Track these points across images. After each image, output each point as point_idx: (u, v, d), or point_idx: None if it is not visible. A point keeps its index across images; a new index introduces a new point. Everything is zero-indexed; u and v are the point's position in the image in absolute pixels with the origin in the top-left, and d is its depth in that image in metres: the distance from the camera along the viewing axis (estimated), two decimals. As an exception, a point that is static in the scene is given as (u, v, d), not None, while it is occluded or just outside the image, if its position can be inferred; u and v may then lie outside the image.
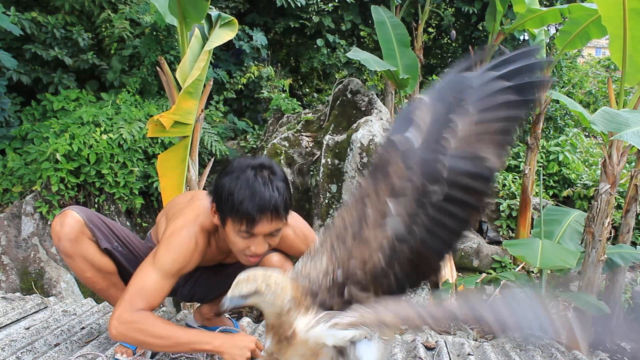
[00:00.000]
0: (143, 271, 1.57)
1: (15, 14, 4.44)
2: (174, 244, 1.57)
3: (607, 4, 2.96)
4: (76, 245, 1.69)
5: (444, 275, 5.24)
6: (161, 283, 1.55)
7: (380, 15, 5.60)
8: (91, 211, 1.77)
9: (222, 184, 1.48)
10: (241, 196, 1.43)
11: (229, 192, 1.45)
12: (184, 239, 1.58)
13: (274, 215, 1.46)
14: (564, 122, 9.55)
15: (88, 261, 1.72)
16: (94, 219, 1.74)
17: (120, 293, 1.80)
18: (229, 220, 1.48)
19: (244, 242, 1.50)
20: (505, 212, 6.63)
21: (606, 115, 2.53)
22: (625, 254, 3.59)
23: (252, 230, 1.46)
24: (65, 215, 1.69)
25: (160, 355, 1.90)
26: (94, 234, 1.72)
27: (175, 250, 1.56)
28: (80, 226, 1.69)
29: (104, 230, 1.76)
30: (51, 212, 4.21)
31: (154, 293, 1.54)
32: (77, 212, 1.71)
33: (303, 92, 8.60)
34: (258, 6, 7.06)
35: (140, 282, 1.55)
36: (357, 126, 4.32)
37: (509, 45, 7.01)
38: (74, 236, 1.68)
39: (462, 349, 2.11)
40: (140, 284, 1.54)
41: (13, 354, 1.84)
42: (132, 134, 4.39)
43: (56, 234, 1.68)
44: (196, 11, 2.91)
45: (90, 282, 1.78)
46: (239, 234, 1.49)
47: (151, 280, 1.54)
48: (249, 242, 1.50)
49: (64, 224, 1.67)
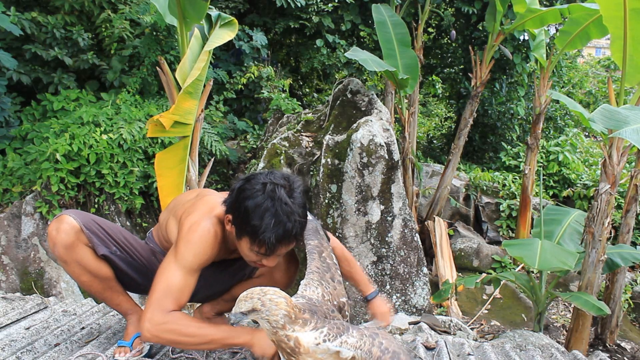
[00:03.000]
0: (167, 270, 1.57)
1: (15, 14, 4.44)
2: (194, 239, 1.58)
3: (608, 4, 2.96)
4: (71, 251, 1.68)
5: (444, 275, 5.25)
6: (186, 280, 1.57)
7: (381, 15, 5.59)
8: (88, 215, 1.75)
9: (245, 207, 1.49)
10: (264, 227, 1.46)
11: (252, 218, 1.47)
12: (202, 232, 1.59)
13: (292, 242, 1.54)
14: (564, 122, 9.56)
15: (83, 266, 1.71)
16: (90, 225, 1.72)
17: (116, 296, 1.82)
18: (247, 239, 1.52)
19: (255, 256, 1.56)
20: (505, 212, 6.64)
21: (605, 112, 2.52)
22: (625, 254, 3.58)
23: (267, 253, 1.52)
24: (61, 221, 1.68)
25: (160, 355, 1.90)
26: (90, 240, 1.71)
27: (196, 244, 1.58)
28: (75, 232, 1.67)
29: (101, 236, 1.74)
30: (51, 212, 4.21)
31: (181, 291, 1.55)
32: (74, 217, 1.69)
33: (303, 92, 8.60)
34: (258, 6, 7.06)
35: (166, 281, 1.55)
36: (357, 126, 4.32)
37: (509, 45, 7.01)
38: (69, 242, 1.67)
39: (462, 349, 2.11)
40: (166, 284, 1.55)
41: (13, 354, 1.84)
42: (132, 134, 4.39)
43: (52, 239, 1.68)
44: (195, 11, 2.90)
45: (86, 285, 1.78)
46: (253, 252, 1.54)
47: (176, 279, 1.55)
48: (262, 258, 1.56)
49: (60, 230, 1.66)
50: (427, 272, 4.44)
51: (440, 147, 10.40)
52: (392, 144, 4.28)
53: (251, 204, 1.48)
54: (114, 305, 1.88)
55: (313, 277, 1.52)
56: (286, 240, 1.50)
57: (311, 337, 1.26)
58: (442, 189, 6.16)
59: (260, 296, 1.28)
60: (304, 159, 4.60)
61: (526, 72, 8.05)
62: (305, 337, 1.27)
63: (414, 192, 5.83)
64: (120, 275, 1.81)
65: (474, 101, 5.91)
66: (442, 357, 2.00)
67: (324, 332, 1.27)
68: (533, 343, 2.66)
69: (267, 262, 1.58)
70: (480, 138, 9.21)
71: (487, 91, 8.47)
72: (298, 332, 1.27)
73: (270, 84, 6.44)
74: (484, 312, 4.99)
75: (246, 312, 1.29)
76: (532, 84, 7.93)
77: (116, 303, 1.87)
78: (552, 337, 4.30)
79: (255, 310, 1.27)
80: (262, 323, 1.30)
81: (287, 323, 1.28)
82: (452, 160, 6.10)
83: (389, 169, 4.22)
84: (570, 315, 3.89)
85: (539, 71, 5.98)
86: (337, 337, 1.26)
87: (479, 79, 5.80)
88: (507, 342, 2.57)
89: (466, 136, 6.07)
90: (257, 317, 1.28)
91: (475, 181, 7.04)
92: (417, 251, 4.34)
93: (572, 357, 2.19)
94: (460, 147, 6.08)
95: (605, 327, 3.98)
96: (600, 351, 3.51)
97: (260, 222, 1.46)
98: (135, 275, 1.84)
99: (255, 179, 1.53)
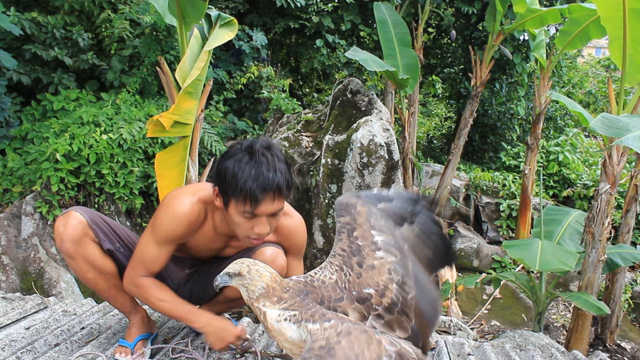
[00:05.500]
0: (143, 239, 1.69)
1: (15, 14, 4.44)
2: (170, 212, 1.63)
3: (606, 4, 2.95)
4: (79, 246, 1.70)
5: (444, 275, 5.25)
6: (159, 252, 1.68)
7: (382, 13, 5.59)
8: (94, 212, 1.78)
9: (225, 166, 1.52)
10: (245, 177, 1.47)
11: (233, 174, 1.49)
12: (180, 206, 1.63)
13: (277, 195, 1.51)
14: (564, 122, 9.56)
15: (90, 262, 1.74)
16: (96, 220, 1.75)
17: (120, 294, 1.85)
18: (233, 202, 1.52)
19: (247, 223, 1.54)
20: (505, 212, 6.64)
21: (606, 121, 2.52)
22: (625, 254, 3.58)
23: (255, 210, 1.50)
24: (69, 217, 1.70)
25: (160, 355, 1.91)
26: (97, 235, 1.74)
27: (172, 217, 1.63)
28: (83, 227, 1.70)
29: (106, 231, 1.77)
30: (51, 212, 4.21)
31: (153, 261, 1.69)
32: (81, 213, 1.72)
33: (303, 92, 8.60)
34: (258, 6, 7.06)
35: (141, 251, 1.69)
36: (357, 126, 4.32)
37: (509, 45, 7.01)
38: (77, 237, 1.69)
39: (462, 349, 2.11)
40: (140, 254, 1.69)
41: (13, 354, 1.85)
42: (132, 134, 4.39)
43: (59, 235, 1.69)
44: (194, 11, 2.90)
45: (92, 282, 1.79)
46: (243, 215, 1.53)
47: (149, 251, 1.67)
48: (252, 223, 1.54)
49: (67, 225, 1.69)
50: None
51: (440, 147, 10.40)
52: (392, 144, 4.28)
53: (230, 161, 1.52)
54: (118, 304, 1.90)
55: (333, 261, 1.43)
56: (269, 189, 1.48)
57: (275, 314, 1.29)
58: (442, 189, 6.16)
59: (250, 264, 1.36)
60: (304, 159, 4.60)
61: (526, 72, 8.05)
62: (271, 313, 1.30)
63: (414, 192, 5.83)
64: (122, 272, 1.82)
65: (474, 101, 5.91)
66: (442, 357, 2.00)
67: (292, 314, 1.27)
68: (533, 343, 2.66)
69: (259, 228, 1.55)
70: (480, 138, 9.21)
71: (487, 91, 8.47)
72: (267, 308, 1.31)
73: (270, 84, 6.44)
74: (484, 312, 4.99)
75: (232, 275, 1.36)
76: (532, 84, 7.93)
77: (120, 302, 1.88)
78: (552, 337, 4.30)
79: (240, 275, 1.35)
80: (242, 291, 1.36)
81: (261, 296, 1.32)
82: (452, 160, 6.10)
83: (389, 169, 4.22)
84: (570, 315, 3.89)
85: (539, 71, 5.98)
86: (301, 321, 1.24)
87: (479, 79, 5.80)
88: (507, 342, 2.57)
89: (466, 136, 6.06)
90: (240, 282, 1.35)
91: (475, 181, 7.04)
92: (417, 251, 4.33)
93: (572, 357, 2.19)
94: (460, 147, 6.08)
95: (605, 327, 3.98)
96: (600, 351, 3.51)
97: (241, 173, 1.48)
98: None
99: (235, 144, 1.58)
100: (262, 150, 1.52)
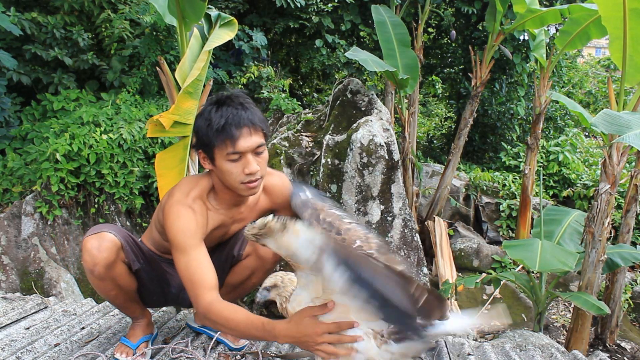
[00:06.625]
0: (179, 265, 1.56)
1: (15, 14, 4.44)
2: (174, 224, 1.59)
3: (607, 4, 2.95)
4: (111, 269, 1.66)
5: (444, 275, 5.25)
6: (196, 257, 1.55)
7: (380, 15, 5.59)
8: (123, 230, 1.75)
9: (199, 123, 1.58)
10: (217, 120, 1.53)
11: (207, 124, 1.54)
12: (179, 213, 1.60)
13: (252, 129, 1.55)
14: (564, 122, 9.56)
15: (116, 282, 1.71)
16: (128, 240, 1.72)
17: (135, 305, 1.86)
18: (216, 151, 1.55)
19: (236, 166, 1.56)
20: (505, 212, 6.64)
21: (607, 117, 2.51)
22: (625, 254, 3.58)
23: (236, 146, 1.53)
24: (102, 239, 1.64)
25: (160, 355, 1.91)
26: (127, 256, 1.71)
27: (181, 226, 1.58)
28: (117, 250, 1.67)
29: (135, 251, 1.75)
30: (51, 212, 4.22)
31: (201, 274, 1.53)
32: (115, 234, 1.67)
33: (303, 92, 8.59)
34: (258, 6, 7.06)
35: (186, 274, 1.54)
36: (357, 126, 4.32)
37: (509, 45, 7.01)
38: (112, 261, 1.65)
39: (462, 349, 2.11)
40: (187, 277, 1.53)
41: (13, 354, 1.85)
42: (132, 134, 4.39)
43: (92, 258, 1.62)
44: (194, 11, 2.91)
45: (111, 297, 1.78)
46: (229, 159, 1.55)
47: (190, 265, 1.54)
48: (241, 165, 1.56)
49: (102, 249, 1.62)
50: (427, 272, 4.45)
51: (440, 147, 10.39)
52: (392, 144, 4.28)
53: (202, 118, 1.58)
54: (129, 312, 1.91)
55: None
56: (242, 124, 1.53)
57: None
58: (442, 189, 6.16)
59: (282, 276, 1.53)
60: (304, 159, 4.60)
61: (526, 72, 8.05)
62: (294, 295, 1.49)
63: (414, 192, 5.83)
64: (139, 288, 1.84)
65: (474, 101, 5.91)
66: (442, 357, 2.00)
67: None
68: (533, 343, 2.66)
69: (249, 168, 1.55)
70: (480, 138, 9.21)
71: (487, 91, 8.47)
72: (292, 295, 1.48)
73: (270, 84, 6.44)
74: (484, 312, 4.99)
75: (269, 288, 1.52)
76: (532, 84, 7.93)
77: (131, 310, 1.90)
78: (552, 337, 4.30)
79: (276, 286, 1.51)
80: (277, 299, 1.51)
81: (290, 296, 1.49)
82: (452, 160, 6.10)
83: (389, 169, 4.22)
84: (570, 315, 3.89)
85: (539, 71, 5.98)
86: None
87: (479, 79, 5.80)
88: (507, 342, 2.57)
89: (466, 136, 6.06)
90: (276, 292, 1.50)
91: (475, 181, 7.04)
92: (417, 251, 4.34)
93: (572, 357, 2.19)
94: (460, 147, 6.08)
95: (605, 327, 3.98)
96: (600, 351, 3.51)
97: (214, 120, 1.53)
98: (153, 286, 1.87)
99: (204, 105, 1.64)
100: (225, 98, 1.59)
